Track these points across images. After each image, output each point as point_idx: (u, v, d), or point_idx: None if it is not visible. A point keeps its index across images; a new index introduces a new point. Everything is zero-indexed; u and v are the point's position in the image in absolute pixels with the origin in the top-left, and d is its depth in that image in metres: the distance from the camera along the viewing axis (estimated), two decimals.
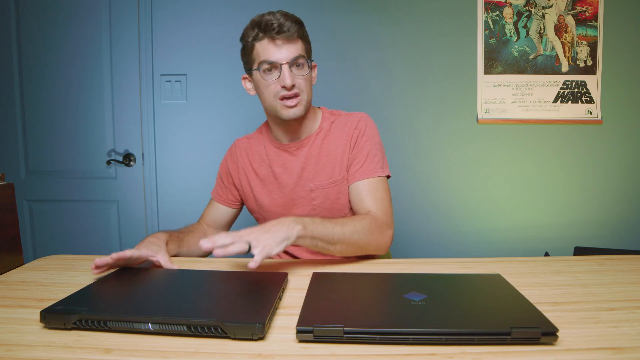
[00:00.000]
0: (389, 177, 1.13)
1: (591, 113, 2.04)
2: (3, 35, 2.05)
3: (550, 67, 2.03)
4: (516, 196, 2.08)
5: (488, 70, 2.03)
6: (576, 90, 2.03)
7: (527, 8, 2.01)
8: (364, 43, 2.03)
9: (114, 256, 0.83)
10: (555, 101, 2.03)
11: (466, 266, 0.95)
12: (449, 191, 2.09)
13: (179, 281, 0.81)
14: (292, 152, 1.15)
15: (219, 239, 0.81)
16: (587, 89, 2.03)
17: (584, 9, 2.01)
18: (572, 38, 2.02)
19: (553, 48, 2.02)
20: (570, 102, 2.03)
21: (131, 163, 2.07)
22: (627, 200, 2.08)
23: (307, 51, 1.09)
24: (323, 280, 0.81)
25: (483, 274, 0.84)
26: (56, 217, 2.11)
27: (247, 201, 1.23)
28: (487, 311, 0.66)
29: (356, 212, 1.10)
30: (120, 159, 2.07)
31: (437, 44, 2.03)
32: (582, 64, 2.03)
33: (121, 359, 0.55)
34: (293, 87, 1.03)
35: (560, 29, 2.02)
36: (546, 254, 2.02)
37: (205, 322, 0.60)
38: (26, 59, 2.06)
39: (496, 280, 0.79)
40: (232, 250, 0.78)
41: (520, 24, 2.02)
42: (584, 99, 2.03)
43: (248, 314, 0.64)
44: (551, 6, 2.01)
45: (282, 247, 0.84)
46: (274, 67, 1.03)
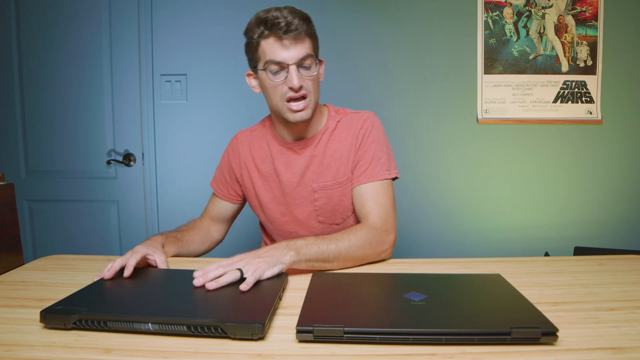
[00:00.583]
0: (396, 178, 1.11)
1: (591, 113, 2.04)
2: (3, 35, 2.05)
3: (550, 67, 2.03)
4: (516, 196, 2.08)
5: (488, 70, 2.03)
6: (576, 90, 2.03)
7: (527, 8, 2.01)
8: (364, 43, 2.03)
9: (110, 273, 0.81)
10: (555, 101, 2.03)
11: (466, 266, 0.95)
12: (449, 191, 2.09)
13: (179, 281, 0.81)
14: (296, 150, 1.13)
15: (209, 272, 0.78)
16: (587, 89, 2.03)
17: (584, 9, 2.01)
18: (572, 38, 2.02)
19: (553, 48, 2.02)
20: (570, 102, 2.03)
21: (131, 163, 2.07)
22: (627, 200, 2.08)
23: (315, 48, 1.05)
24: (323, 280, 0.81)
25: (483, 274, 0.84)
26: (56, 217, 2.11)
27: (249, 196, 1.21)
28: (487, 311, 0.66)
29: (358, 215, 1.09)
30: (120, 159, 2.07)
31: (437, 44, 2.03)
32: (582, 64, 2.03)
33: (121, 359, 0.55)
34: (300, 89, 1.01)
35: (560, 29, 2.02)
36: (546, 254, 2.02)
37: (205, 322, 0.60)
38: (26, 59, 2.06)
39: (496, 280, 0.79)
40: (224, 281, 0.76)
41: (520, 24, 2.02)
42: (584, 99, 2.03)
43: (248, 314, 0.65)
44: (551, 6, 2.01)
45: (275, 270, 0.81)
46: (280, 67, 1.00)
